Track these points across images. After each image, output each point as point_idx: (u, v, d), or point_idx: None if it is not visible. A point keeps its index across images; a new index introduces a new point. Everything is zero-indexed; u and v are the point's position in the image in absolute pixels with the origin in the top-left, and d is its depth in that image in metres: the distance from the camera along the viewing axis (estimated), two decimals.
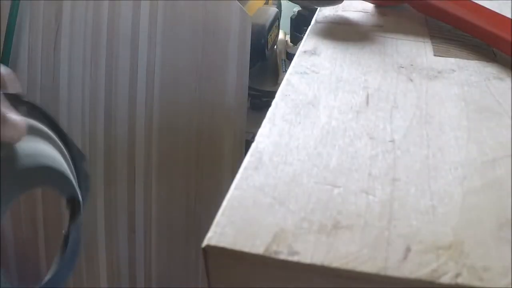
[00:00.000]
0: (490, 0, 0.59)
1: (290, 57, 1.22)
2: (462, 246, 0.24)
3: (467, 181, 0.28)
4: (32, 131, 0.30)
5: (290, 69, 0.41)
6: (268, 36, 1.05)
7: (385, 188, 0.28)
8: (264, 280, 0.24)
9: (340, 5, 0.55)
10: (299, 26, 1.39)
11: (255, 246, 0.24)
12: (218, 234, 0.24)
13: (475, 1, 0.49)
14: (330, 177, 0.28)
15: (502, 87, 0.39)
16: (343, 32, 0.49)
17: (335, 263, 0.23)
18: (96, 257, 0.88)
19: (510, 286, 0.22)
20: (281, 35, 1.34)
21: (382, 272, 0.23)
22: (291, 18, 1.46)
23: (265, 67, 1.12)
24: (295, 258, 0.23)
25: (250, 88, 0.91)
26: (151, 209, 0.89)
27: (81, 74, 0.80)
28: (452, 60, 0.43)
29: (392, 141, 0.32)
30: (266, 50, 1.03)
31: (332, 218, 0.25)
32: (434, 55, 0.44)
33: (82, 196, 0.34)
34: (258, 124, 0.34)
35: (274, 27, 1.12)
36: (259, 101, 1.04)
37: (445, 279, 0.22)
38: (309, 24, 0.51)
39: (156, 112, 0.83)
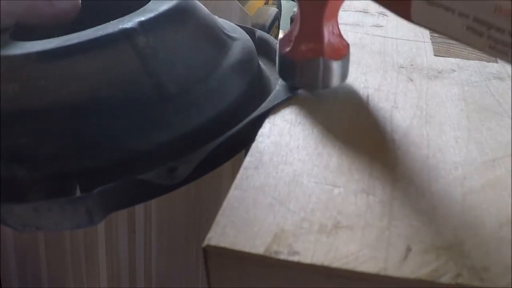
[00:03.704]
0: None
1: None
2: (462, 246, 0.24)
3: (467, 181, 0.28)
4: None
5: None
6: None
7: (385, 188, 0.28)
8: (264, 280, 0.24)
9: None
10: None
11: (255, 246, 0.24)
12: (218, 234, 0.24)
13: None
14: (330, 177, 0.28)
15: (502, 87, 0.39)
16: (343, 32, 0.49)
17: (336, 263, 0.23)
18: (96, 257, 0.88)
19: (510, 287, 0.22)
20: (281, 35, 1.34)
21: (382, 272, 0.23)
22: (291, 18, 1.46)
23: None
24: (295, 258, 0.23)
25: None
26: (151, 209, 0.89)
27: None
28: (452, 60, 0.44)
29: (392, 141, 0.32)
30: None
31: (332, 218, 0.25)
32: (434, 55, 0.44)
33: None
34: None
35: (274, 27, 1.12)
36: None
37: (445, 279, 0.22)
38: None
39: None
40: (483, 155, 0.31)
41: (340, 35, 0.36)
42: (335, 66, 0.35)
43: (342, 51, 0.36)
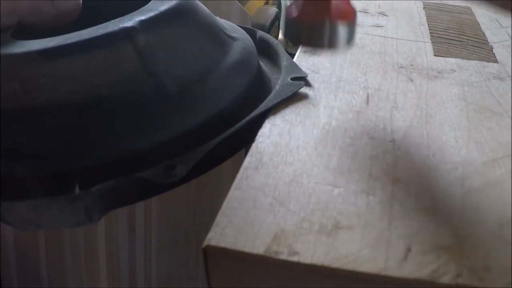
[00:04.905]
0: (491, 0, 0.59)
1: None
2: (463, 246, 0.24)
3: (467, 181, 0.28)
4: None
5: None
6: None
7: (385, 189, 0.28)
8: (264, 280, 0.24)
9: None
10: None
11: (255, 246, 0.24)
12: (218, 234, 0.24)
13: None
14: (330, 178, 0.28)
15: (502, 87, 0.39)
16: None
17: (336, 264, 0.23)
18: (96, 257, 0.88)
19: (510, 287, 0.22)
20: (281, 35, 1.34)
21: (383, 273, 0.23)
22: None
23: None
24: (295, 259, 0.23)
25: None
26: (151, 209, 0.89)
27: None
28: (452, 60, 0.44)
29: (392, 141, 0.32)
30: None
31: (332, 218, 0.25)
32: (434, 55, 0.44)
33: None
34: None
35: (274, 27, 1.12)
36: None
37: (446, 280, 0.22)
38: None
39: None
40: (483, 155, 0.31)
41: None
42: (341, 30, 0.34)
43: (349, 15, 0.34)
